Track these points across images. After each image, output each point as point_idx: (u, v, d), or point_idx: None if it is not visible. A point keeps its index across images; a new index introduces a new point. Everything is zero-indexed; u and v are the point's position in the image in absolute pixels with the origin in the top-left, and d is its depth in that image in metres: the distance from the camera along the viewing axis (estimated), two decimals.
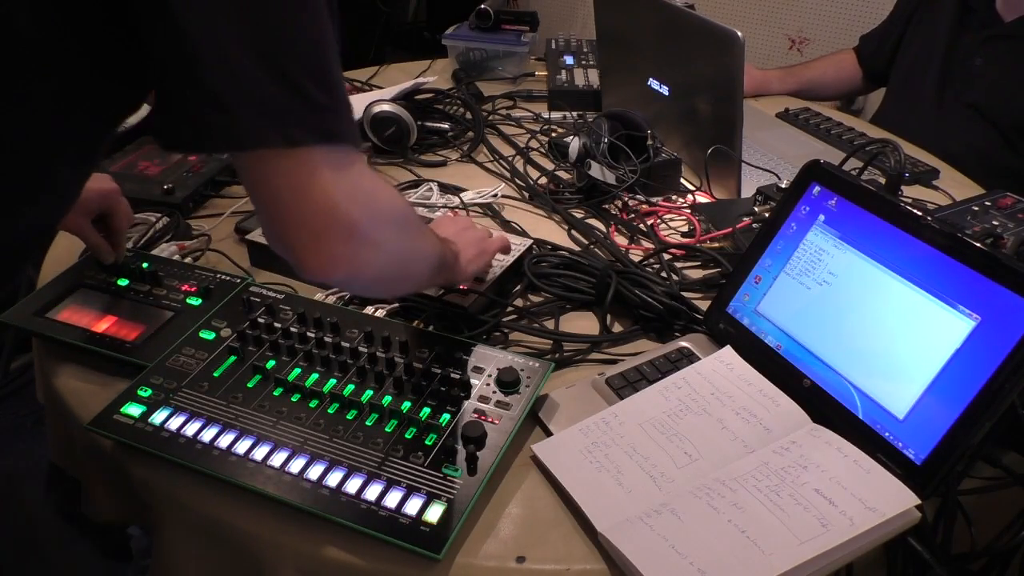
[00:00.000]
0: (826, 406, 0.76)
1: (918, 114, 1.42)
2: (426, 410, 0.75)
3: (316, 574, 0.68)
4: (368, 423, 0.74)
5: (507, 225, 1.16)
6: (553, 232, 1.15)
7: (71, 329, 0.87)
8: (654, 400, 0.79)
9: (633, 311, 0.95)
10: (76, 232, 0.93)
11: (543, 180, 1.29)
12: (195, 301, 0.90)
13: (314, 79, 0.57)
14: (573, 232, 1.15)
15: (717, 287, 0.97)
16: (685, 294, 0.97)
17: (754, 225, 1.06)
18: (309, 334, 0.84)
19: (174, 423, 0.74)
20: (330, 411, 0.75)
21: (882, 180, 1.16)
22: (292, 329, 0.84)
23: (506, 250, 0.99)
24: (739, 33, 1.08)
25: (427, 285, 0.88)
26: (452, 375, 0.79)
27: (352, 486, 0.68)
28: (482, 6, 1.78)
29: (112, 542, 1.37)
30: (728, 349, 0.84)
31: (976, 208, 1.10)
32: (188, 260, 1.04)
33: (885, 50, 1.74)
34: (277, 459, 0.70)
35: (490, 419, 0.74)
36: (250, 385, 0.78)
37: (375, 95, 1.49)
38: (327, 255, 0.60)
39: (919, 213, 0.75)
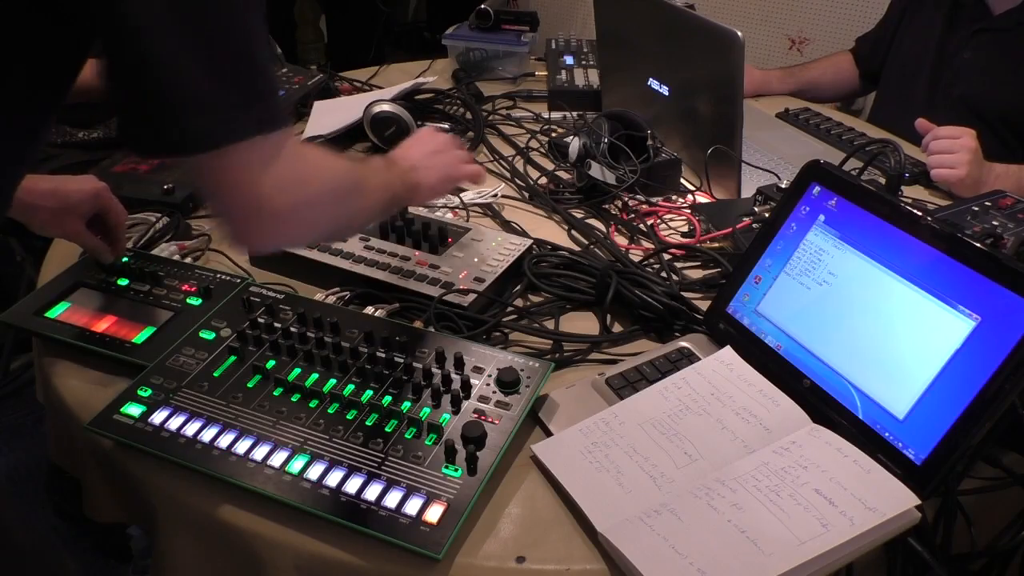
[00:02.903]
0: (826, 406, 0.76)
1: (910, 112, 1.42)
2: (426, 410, 0.75)
3: (316, 574, 0.68)
4: (368, 423, 0.74)
5: (507, 225, 1.16)
6: (553, 232, 1.15)
7: (71, 329, 0.87)
8: (654, 400, 0.79)
9: (633, 311, 0.95)
10: (73, 237, 0.93)
11: (543, 180, 1.29)
12: (195, 301, 0.90)
13: (248, 71, 0.59)
14: (573, 232, 1.15)
15: (717, 287, 0.97)
16: (685, 294, 0.97)
17: (754, 225, 1.06)
18: (309, 334, 0.84)
19: (174, 423, 0.74)
20: (330, 411, 0.75)
21: (882, 180, 1.16)
22: (292, 329, 0.84)
23: (476, 178, 0.99)
24: (739, 33, 1.08)
25: (379, 218, 0.94)
26: (452, 375, 0.79)
27: (352, 486, 0.68)
28: (482, 6, 1.78)
29: (112, 542, 1.38)
30: (728, 349, 0.84)
31: (976, 208, 1.10)
32: (188, 260, 1.04)
33: (879, 51, 1.74)
34: (277, 459, 0.70)
35: (490, 419, 0.74)
36: (250, 385, 0.78)
37: (375, 95, 1.49)
38: (258, 237, 0.66)
39: (919, 213, 0.75)
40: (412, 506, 0.66)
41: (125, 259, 0.96)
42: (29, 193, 0.88)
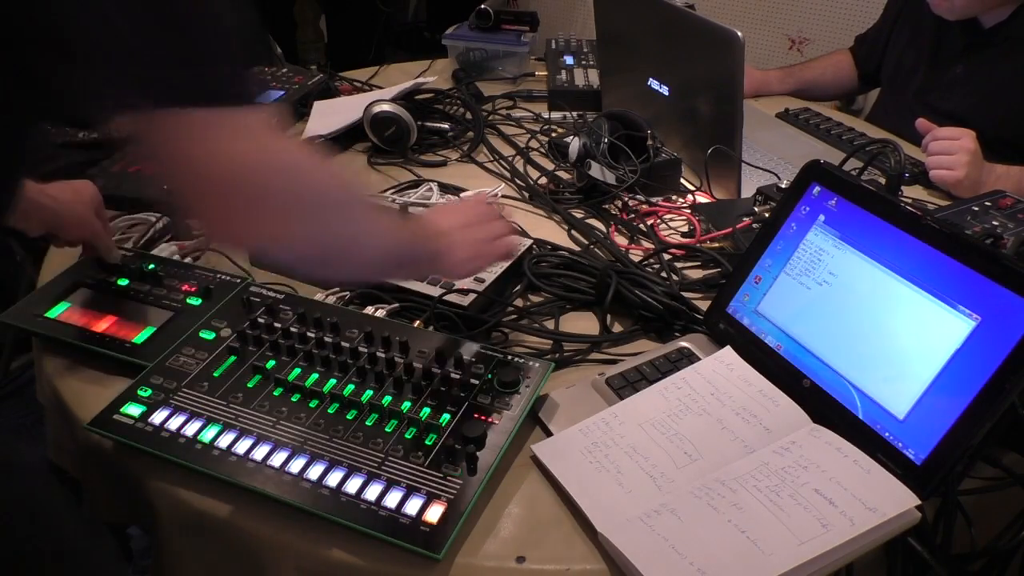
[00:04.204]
0: (826, 406, 0.76)
1: (906, 118, 1.42)
2: (426, 410, 0.75)
3: (316, 574, 0.68)
4: (368, 423, 0.74)
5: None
6: (553, 232, 1.15)
7: (71, 329, 0.87)
8: (654, 400, 0.79)
9: (633, 311, 0.95)
10: (91, 234, 0.93)
11: (543, 180, 1.29)
12: (195, 301, 0.90)
13: (202, 41, 0.57)
14: (573, 232, 1.15)
15: (717, 287, 0.97)
16: (685, 294, 0.97)
17: (754, 225, 1.06)
18: (309, 334, 0.84)
19: (174, 423, 0.74)
20: (330, 411, 0.75)
21: (882, 180, 1.16)
22: (292, 329, 0.84)
23: (507, 257, 0.94)
24: (739, 33, 1.08)
25: (386, 274, 0.84)
26: (452, 375, 0.79)
27: (352, 486, 0.68)
28: (482, 6, 1.78)
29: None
30: (728, 349, 0.84)
31: (976, 208, 1.10)
32: (188, 260, 1.03)
33: (875, 52, 1.74)
34: (277, 459, 0.70)
35: (490, 419, 0.74)
36: (250, 385, 0.78)
37: (375, 95, 1.49)
38: (206, 217, 0.63)
39: (919, 213, 0.75)
40: (412, 506, 0.66)
41: (131, 265, 0.97)
42: (54, 200, 0.89)
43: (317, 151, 0.67)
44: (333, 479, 0.68)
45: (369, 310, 0.92)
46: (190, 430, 0.73)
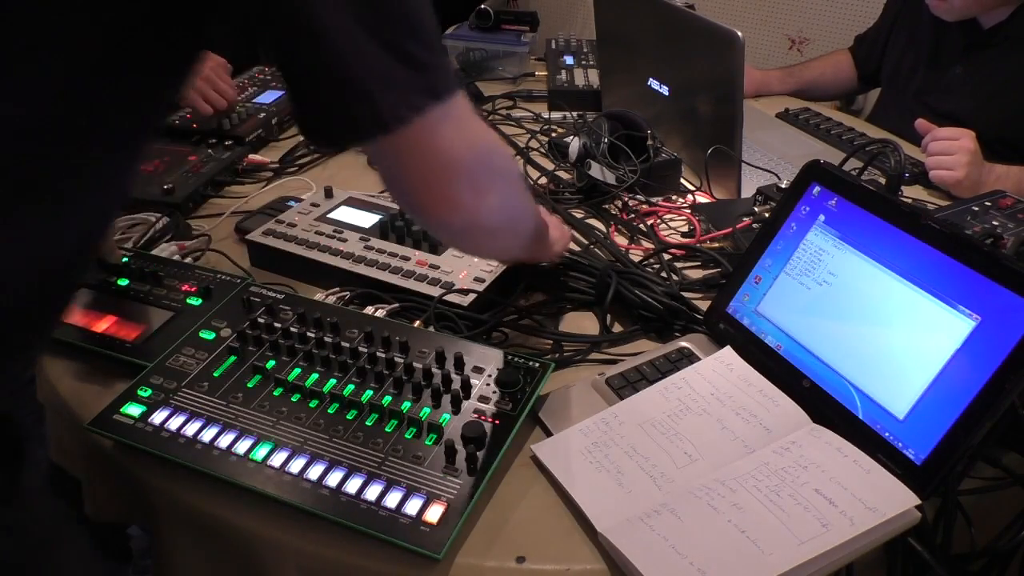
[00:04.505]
0: (826, 406, 0.76)
1: (905, 118, 1.42)
2: (426, 410, 0.75)
3: (316, 574, 0.68)
4: (368, 423, 0.74)
5: None
6: None
7: (71, 329, 0.87)
8: (654, 400, 0.79)
9: (633, 311, 0.95)
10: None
11: (543, 180, 1.29)
12: (195, 301, 0.90)
13: (421, 43, 0.56)
14: (573, 232, 1.15)
15: (717, 287, 0.97)
16: (685, 294, 0.97)
17: (754, 225, 1.06)
18: (309, 334, 0.84)
19: (174, 423, 0.74)
20: (330, 411, 0.75)
21: (882, 180, 1.16)
22: (292, 329, 0.84)
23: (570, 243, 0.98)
24: (739, 33, 1.08)
25: (526, 251, 0.84)
26: (452, 375, 0.79)
27: (352, 486, 0.68)
28: (482, 6, 1.78)
29: (112, 542, 1.37)
30: (728, 349, 0.84)
31: (976, 208, 1.10)
32: (188, 260, 1.04)
33: (875, 53, 1.74)
34: (277, 459, 0.70)
35: (490, 419, 0.74)
36: (250, 385, 0.78)
37: None
38: (451, 203, 0.62)
39: (919, 213, 0.75)
40: (412, 506, 0.66)
41: (125, 259, 0.96)
42: None
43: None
44: (333, 479, 0.68)
45: (369, 310, 0.92)
46: (190, 430, 0.73)
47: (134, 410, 0.75)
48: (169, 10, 0.52)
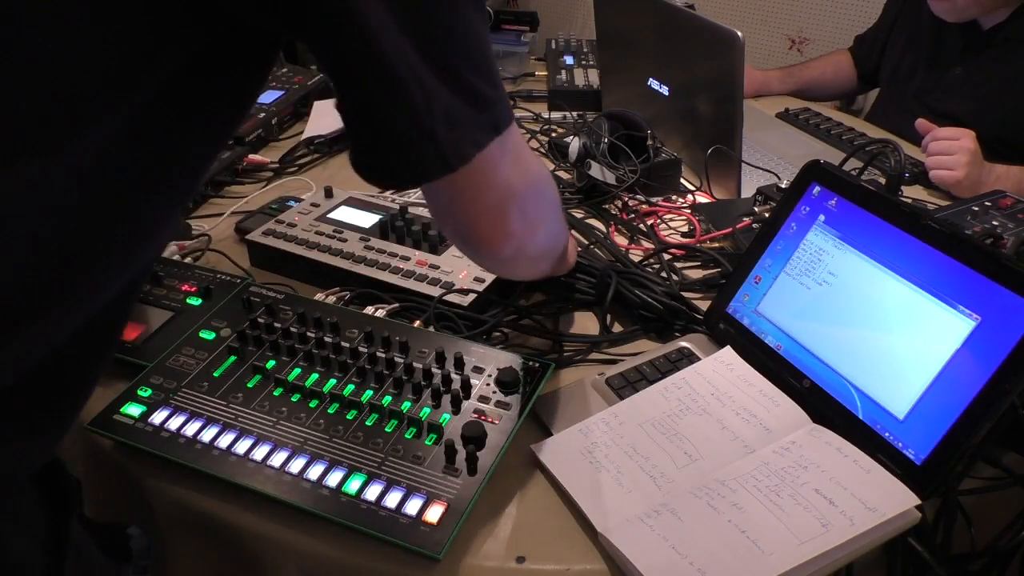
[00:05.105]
0: (826, 406, 0.76)
1: (905, 118, 1.42)
2: (426, 410, 0.75)
3: (316, 574, 0.68)
4: (368, 423, 0.74)
5: None
6: None
7: None
8: (654, 400, 0.79)
9: (633, 311, 0.95)
10: None
11: None
12: (195, 301, 0.90)
13: (484, 77, 0.54)
14: (573, 232, 1.15)
15: (717, 287, 0.97)
16: (685, 294, 0.97)
17: (754, 225, 1.06)
18: (309, 334, 0.84)
19: (174, 423, 0.74)
20: (330, 411, 0.75)
21: (882, 180, 1.16)
22: (292, 329, 0.84)
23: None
24: (739, 33, 1.08)
25: (556, 269, 0.86)
26: (452, 375, 0.79)
27: (352, 486, 0.68)
28: None
29: (112, 542, 1.37)
30: (728, 349, 0.84)
31: (976, 208, 1.10)
32: (188, 260, 1.04)
33: (874, 53, 1.74)
34: (277, 459, 0.70)
35: (490, 419, 0.74)
36: (250, 385, 0.78)
37: None
38: (504, 233, 0.62)
39: (919, 213, 0.75)
40: (412, 506, 0.66)
41: None
42: None
43: None
44: (333, 479, 0.68)
45: (369, 310, 0.92)
46: (190, 430, 0.73)
47: (134, 410, 0.75)
48: (234, 51, 0.50)
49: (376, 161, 0.55)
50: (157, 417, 0.74)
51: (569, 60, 1.71)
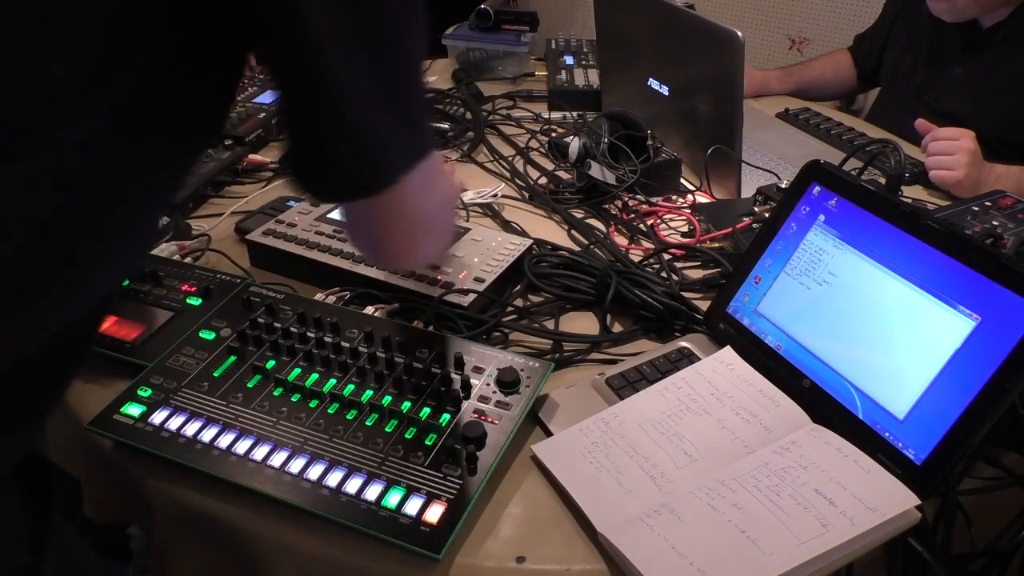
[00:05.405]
0: (826, 406, 0.76)
1: (905, 118, 1.42)
2: (426, 410, 0.75)
3: (316, 574, 0.68)
4: (368, 423, 0.74)
5: (507, 225, 1.16)
6: (553, 232, 1.15)
7: None
8: (654, 400, 0.79)
9: (633, 311, 0.95)
10: None
11: (543, 180, 1.29)
12: (195, 301, 0.90)
13: (420, 104, 0.56)
14: (573, 232, 1.15)
15: (717, 287, 0.97)
16: (685, 294, 0.97)
17: (754, 225, 1.06)
18: (309, 334, 0.84)
19: (174, 423, 0.74)
20: (330, 411, 0.75)
21: (882, 180, 1.16)
22: (292, 329, 0.84)
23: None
24: (739, 33, 1.08)
25: None
26: (452, 375, 0.79)
27: (352, 486, 0.68)
28: (482, 6, 1.78)
29: (112, 542, 1.38)
30: (728, 349, 0.84)
31: (976, 208, 1.10)
32: (188, 260, 1.04)
33: (874, 52, 1.74)
34: (277, 459, 0.70)
35: (490, 419, 0.74)
36: (250, 385, 0.78)
37: None
38: (413, 253, 0.65)
39: (919, 213, 0.75)
40: (412, 506, 0.66)
41: None
42: None
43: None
44: (333, 479, 0.68)
45: (369, 310, 0.92)
46: (190, 430, 0.73)
47: (134, 410, 0.75)
48: (194, 59, 0.50)
49: (308, 172, 0.56)
50: (157, 417, 0.74)
51: (569, 60, 1.71)
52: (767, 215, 1.04)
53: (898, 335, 0.73)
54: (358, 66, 0.50)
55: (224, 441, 0.72)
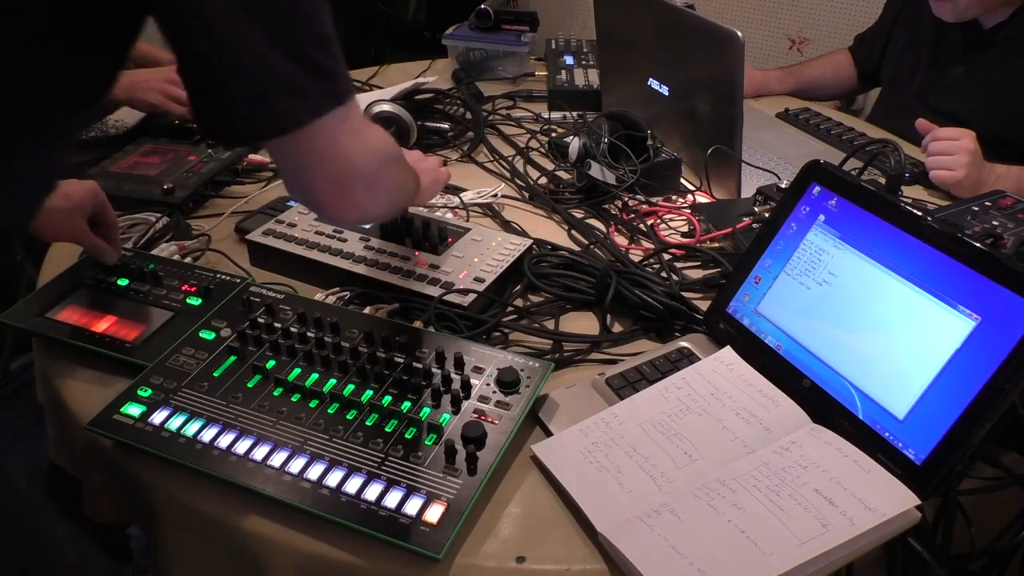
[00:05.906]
0: (826, 406, 0.76)
1: (906, 118, 1.42)
2: (426, 410, 0.75)
3: (316, 574, 0.68)
4: (368, 423, 0.74)
5: (507, 225, 1.16)
6: (553, 232, 1.15)
7: (71, 329, 0.87)
8: (654, 400, 0.79)
9: (633, 311, 0.95)
10: (76, 239, 0.92)
11: (543, 180, 1.29)
12: (195, 301, 0.90)
13: (322, 49, 0.60)
14: (573, 232, 1.15)
15: (717, 287, 0.97)
16: (685, 294, 0.97)
17: (754, 225, 1.06)
18: (309, 334, 0.84)
19: (174, 423, 0.74)
20: (330, 411, 0.75)
21: (882, 180, 1.16)
22: (292, 329, 0.84)
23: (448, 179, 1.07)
24: (739, 33, 1.08)
25: (413, 204, 0.98)
26: (452, 375, 0.79)
27: (352, 486, 0.68)
28: (482, 6, 1.78)
29: (112, 542, 1.37)
30: (728, 349, 0.84)
31: (976, 208, 1.10)
32: (188, 260, 1.04)
33: (875, 52, 1.74)
34: (277, 459, 0.70)
35: (490, 419, 0.74)
36: (250, 385, 0.78)
37: (375, 95, 1.49)
38: (350, 204, 0.68)
39: (919, 213, 0.75)
40: (412, 506, 0.66)
41: (131, 265, 0.96)
42: None
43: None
44: (333, 479, 0.68)
45: (369, 310, 0.92)
46: (190, 430, 0.73)
47: (134, 410, 0.75)
48: (80, 25, 0.55)
49: (212, 121, 0.61)
50: (157, 417, 0.74)
51: (569, 60, 1.71)
52: (767, 215, 1.04)
53: (898, 335, 0.73)
54: (246, 20, 0.55)
55: (224, 441, 0.72)
